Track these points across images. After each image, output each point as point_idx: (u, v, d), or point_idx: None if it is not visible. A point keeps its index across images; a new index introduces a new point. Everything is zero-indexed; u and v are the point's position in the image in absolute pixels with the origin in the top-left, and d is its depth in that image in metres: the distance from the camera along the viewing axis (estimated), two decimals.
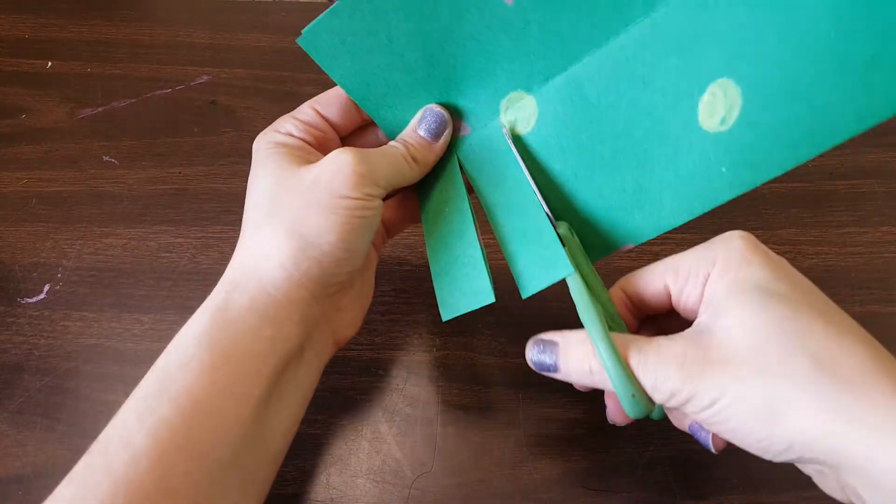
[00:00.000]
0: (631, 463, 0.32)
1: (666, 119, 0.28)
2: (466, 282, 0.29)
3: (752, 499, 0.32)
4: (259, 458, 0.27)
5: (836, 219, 0.41)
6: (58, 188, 0.42)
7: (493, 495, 0.32)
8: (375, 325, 0.37)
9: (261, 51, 0.50)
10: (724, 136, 0.27)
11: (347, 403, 0.34)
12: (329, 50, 0.29)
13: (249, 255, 0.28)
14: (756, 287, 0.24)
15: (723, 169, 0.28)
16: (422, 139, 0.31)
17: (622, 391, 0.24)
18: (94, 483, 0.23)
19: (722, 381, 0.22)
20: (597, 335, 0.25)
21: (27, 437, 0.33)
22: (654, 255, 0.39)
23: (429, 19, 0.29)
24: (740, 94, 0.26)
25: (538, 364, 0.27)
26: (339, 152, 0.28)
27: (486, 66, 0.30)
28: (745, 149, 0.27)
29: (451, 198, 0.31)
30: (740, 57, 0.26)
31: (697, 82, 0.27)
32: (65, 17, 0.52)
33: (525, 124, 0.31)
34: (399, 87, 0.31)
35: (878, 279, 0.38)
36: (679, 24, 0.27)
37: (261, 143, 0.30)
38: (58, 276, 0.39)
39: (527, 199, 0.29)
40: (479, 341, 0.36)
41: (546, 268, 0.28)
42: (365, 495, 0.32)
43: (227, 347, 0.26)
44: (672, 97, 0.28)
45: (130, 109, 0.47)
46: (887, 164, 0.43)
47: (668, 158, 0.28)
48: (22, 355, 0.36)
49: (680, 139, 0.28)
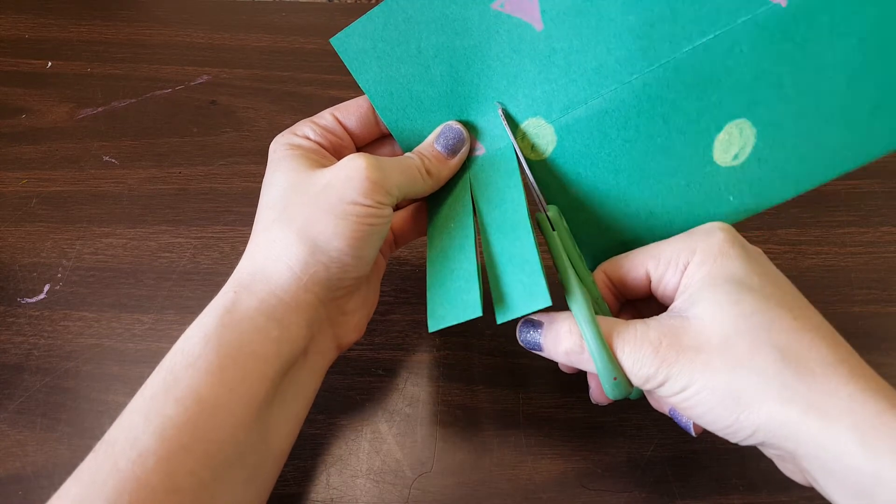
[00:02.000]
0: (631, 463, 0.32)
1: (682, 154, 0.30)
2: (457, 295, 0.29)
3: (752, 499, 0.32)
4: (263, 457, 0.27)
5: (836, 219, 0.41)
6: (58, 188, 0.42)
7: (493, 495, 0.32)
8: (375, 325, 0.37)
9: (261, 51, 0.50)
10: (736, 170, 0.30)
11: (347, 403, 0.34)
12: (359, 54, 0.30)
13: (260, 256, 0.28)
14: (730, 279, 0.25)
15: (730, 198, 0.30)
16: (438, 153, 0.31)
17: (604, 374, 0.26)
18: (101, 481, 0.23)
19: (693, 369, 0.24)
20: (583, 318, 0.26)
21: (27, 437, 0.33)
22: None
23: (459, 35, 0.30)
24: (755, 134, 0.29)
25: (525, 342, 0.29)
26: (353, 157, 0.28)
27: (508, 90, 0.31)
28: (753, 181, 0.30)
29: (458, 214, 0.31)
30: (759, 101, 0.28)
31: (715, 121, 0.29)
32: (65, 17, 0.52)
33: (542, 151, 0.31)
34: (421, 99, 0.31)
35: (878, 279, 0.38)
36: (703, 67, 0.28)
37: (277, 144, 0.30)
38: (58, 276, 0.39)
39: (520, 224, 0.29)
40: (479, 341, 0.36)
41: (525, 297, 0.28)
42: (365, 495, 0.32)
43: (233, 348, 0.26)
44: (690, 134, 0.29)
45: (130, 109, 0.47)
46: (887, 164, 0.43)
47: (681, 189, 0.30)
48: (22, 355, 0.36)
49: (693, 172, 0.30)
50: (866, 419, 0.21)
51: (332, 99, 0.31)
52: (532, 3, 0.29)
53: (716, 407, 0.23)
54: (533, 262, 0.28)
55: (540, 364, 0.36)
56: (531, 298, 0.27)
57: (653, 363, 0.24)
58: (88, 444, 0.25)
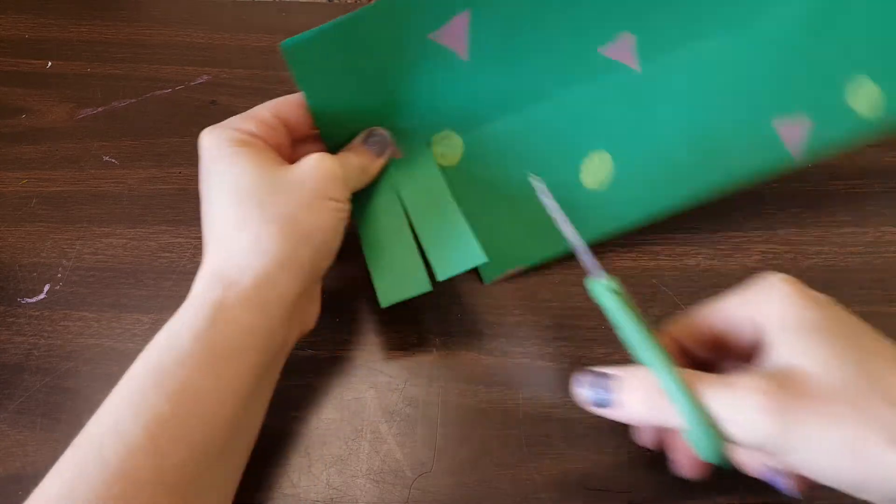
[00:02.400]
0: (631, 463, 0.32)
1: (559, 171, 0.37)
2: (405, 274, 0.34)
3: (752, 499, 0.32)
4: (241, 449, 0.28)
5: (836, 219, 0.41)
6: (58, 188, 0.42)
7: (493, 495, 0.32)
8: (375, 324, 0.37)
9: (261, 51, 0.50)
10: (603, 193, 0.38)
11: (347, 403, 0.34)
12: (308, 65, 0.32)
13: (243, 252, 0.28)
14: (820, 329, 0.24)
15: (599, 218, 0.37)
16: (368, 153, 0.34)
17: (696, 425, 0.23)
18: (88, 473, 0.23)
19: (812, 424, 0.22)
20: (662, 367, 0.24)
21: (27, 437, 0.33)
22: (653, 254, 0.39)
23: (397, 57, 0.33)
24: (612, 163, 0.37)
25: (593, 399, 0.26)
26: (322, 158, 0.30)
27: (430, 103, 0.36)
28: (620, 202, 0.37)
29: (387, 207, 0.35)
30: (617, 138, 0.37)
31: (582, 148, 0.38)
32: (65, 17, 0.52)
33: (451, 159, 0.38)
34: (354, 108, 0.34)
35: (878, 279, 0.38)
36: (578, 105, 0.37)
37: (219, 138, 0.30)
38: (58, 276, 0.39)
39: (445, 202, 0.35)
40: (479, 341, 0.36)
41: (462, 256, 0.33)
42: (365, 495, 0.32)
43: (225, 346, 0.26)
44: (564, 155, 0.38)
45: (130, 109, 0.47)
46: (887, 164, 0.43)
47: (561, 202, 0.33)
48: (22, 355, 0.36)
49: (568, 190, 0.37)
50: None
51: None
52: (462, 39, 0.34)
53: (841, 463, 0.22)
54: (464, 229, 0.34)
55: (540, 364, 0.36)
56: (468, 256, 0.33)
57: (766, 419, 0.22)
58: None
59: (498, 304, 0.38)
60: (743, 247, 0.40)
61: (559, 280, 0.38)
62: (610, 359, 0.36)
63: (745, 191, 0.38)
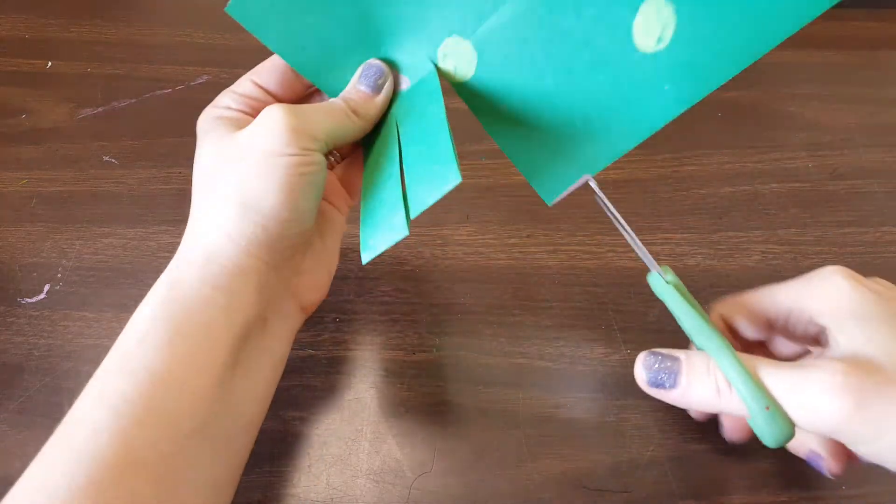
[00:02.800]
0: (631, 463, 0.32)
1: (603, 46, 0.28)
2: (384, 220, 0.29)
3: (752, 499, 0.32)
4: (229, 427, 0.27)
5: (836, 219, 0.41)
6: (58, 188, 0.42)
7: (493, 495, 0.32)
8: (375, 325, 0.37)
9: (261, 51, 0.50)
10: (663, 54, 0.27)
11: (347, 403, 0.34)
12: (259, 14, 0.29)
13: (197, 228, 0.27)
14: (881, 320, 0.24)
15: (665, 87, 0.28)
16: (363, 93, 0.30)
17: (760, 413, 0.23)
18: (59, 460, 0.23)
19: (891, 414, 0.21)
20: (722, 352, 0.24)
21: (27, 437, 0.33)
22: (653, 254, 0.39)
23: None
24: (673, 10, 0.27)
25: (653, 380, 0.26)
26: (269, 109, 0.27)
27: (419, 15, 0.30)
28: (684, 64, 0.27)
29: (386, 149, 0.31)
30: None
31: (629, 5, 0.27)
32: (65, 17, 0.52)
33: (466, 69, 0.30)
34: (335, 46, 0.30)
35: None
36: None
37: (202, 120, 0.29)
38: (58, 276, 0.39)
39: (438, 128, 0.28)
40: (479, 341, 0.36)
41: (438, 180, 0.27)
42: (365, 495, 0.32)
43: (181, 320, 0.25)
44: (606, 23, 0.28)
45: (130, 109, 0.47)
46: (887, 164, 0.43)
47: (611, 85, 0.28)
48: (22, 355, 0.36)
49: (619, 64, 0.28)
50: None
51: None
52: None
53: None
54: (445, 149, 0.27)
55: (540, 364, 0.36)
56: (442, 181, 0.27)
57: (844, 408, 0.21)
58: None
59: (498, 304, 0.38)
60: (743, 247, 0.40)
61: (559, 280, 0.38)
62: (609, 359, 0.36)
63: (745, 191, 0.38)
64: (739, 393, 0.23)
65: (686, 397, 0.25)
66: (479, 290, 0.38)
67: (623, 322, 0.37)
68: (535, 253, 0.31)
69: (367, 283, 0.38)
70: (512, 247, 0.40)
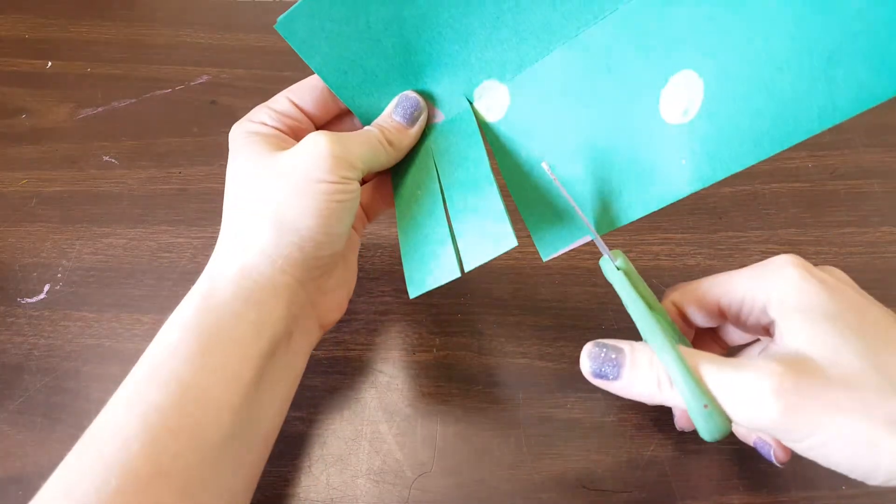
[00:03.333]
0: (631, 463, 0.32)
1: (629, 110, 0.29)
2: (434, 259, 0.30)
3: (752, 499, 0.32)
4: (250, 440, 0.27)
5: (836, 219, 0.41)
6: (58, 188, 0.42)
7: (493, 495, 0.32)
8: (375, 325, 0.37)
9: (261, 51, 0.50)
10: (685, 127, 0.27)
11: (347, 403, 0.34)
12: (307, 36, 0.29)
13: (232, 243, 0.28)
14: (824, 316, 0.24)
15: (682, 161, 0.28)
16: (397, 124, 0.31)
17: (698, 409, 0.24)
18: (87, 468, 0.23)
19: (819, 416, 0.22)
20: (664, 347, 0.24)
21: (27, 437, 0.33)
22: (653, 255, 0.39)
23: (407, 5, 0.29)
24: (702, 86, 0.27)
25: (597, 371, 0.26)
26: (314, 136, 0.28)
27: (460, 55, 0.31)
28: (705, 140, 0.27)
29: (423, 181, 0.31)
30: (703, 50, 0.27)
31: (661, 73, 0.28)
32: (65, 17, 0.52)
33: (498, 112, 0.31)
34: (375, 74, 0.31)
35: (878, 279, 0.38)
36: (646, 17, 0.28)
37: (235, 132, 0.30)
38: (58, 276, 0.39)
39: (483, 178, 0.29)
40: (479, 341, 0.36)
41: (493, 241, 0.28)
42: (365, 495, 0.32)
43: (212, 333, 0.26)
44: (636, 88, 0.28)
45: (130, 109, 0.47)
46: (887, 164, 0.43)
47: (631, 150, 0.29)
48: (22, 355, 0.36)
49: (641, 130, 0.28)
50: None
51: None
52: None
53: (850, 454, 0.22)
54: (497, 209, 0.28)
55: (540, 364, 0.36)
56: (497, 242, 0.28)
57: (773, 406, 0.22)
58: None
59: (498, 304, 0.38)
60: (743, 247, 0.40)
61: (559, 280, 0.38)
62: None
63: (745, 191, 0.38)
64: (679, 389, 0.24)
65: (628, 389, 0.26)
66: (479, 290, 0.38)
67: (623, 322, 0.37)
68: (535, 253, 0.31)
69: (367, 283, 0.38)
70: None
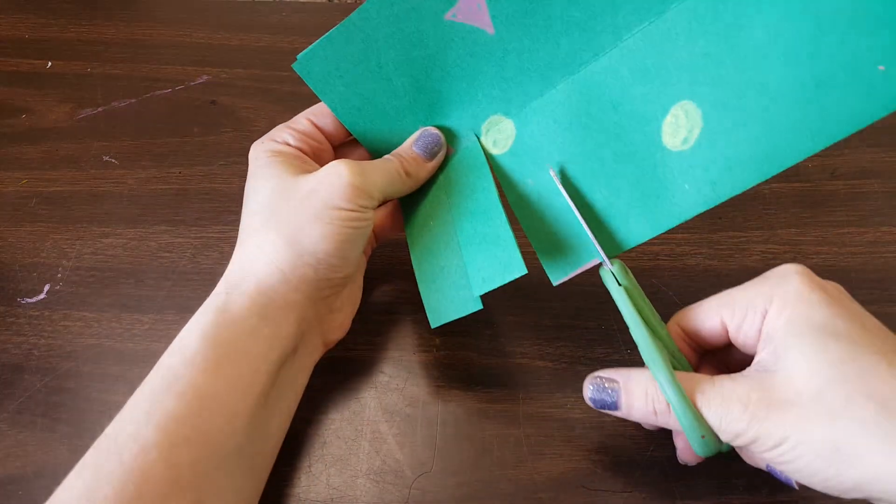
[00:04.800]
0: (631, 463, 0.32)
1: (633, 140, 0.30)
2: (454, 290, 0.31)
3: (751, 499, 0.31)
4: (259, 449, 0.28)
5: (836, 219, 0.41)
6: (58, 188, 0.42)
7: (493, 495, 0.32)
8: (375, 325, 0.37)
9: (261, 51, 0.50)
10: (687, 154, 0.29)
11: (347, 403, 0.34)
12: (322, 76, 0.31)
13: (248, 259, 0.29)
14: (815, 327, 0.24)
15: (686, 186, 0.29)
16: (417, 156, 0.32)
17: (692, 433, 0.25)
18: (107, 472, 0.24)
19: (786, 425, 0.23)
20: (663, 378, 0.25)
21: (27, 437, 0.33)
22: (653, 255, 0.39)
23: (416, 47, 0.31)
24: (701, 115, 0.29)
25: (598, 402, 0.28)
26: (336, 164, 0.29)
27: (468, 92, 0.33)
28: (706, 166, 0.29)
29: (436, 213, 0.33)
30: (701, 81, 0.28)
31: (661, 105, 0.29)
32: (65, 17, 0.52)
33: (503, 145, 0.33)
34: (387, 111, 0.33)
35: (878, 279, 0.38)
36: (644, 52, 0.29)
37: (258, 150, 0.31)
38: (58, 276, 0.39)
39: (492, 208, 0.31)
40: (479, 341, 0.36)
41: (501, 269, 0.30)
42: (365, 495, 0.32)
43: (228, 345, 0.27)
44: (637, 119, 0.30)
45: (130, 109, 0.47)
46: (887, 164, 0.43)
47: (635, 177, 0.30)
48: (22, 355, 0.36)
49: (645, 158, 0.30)
50: None
51: None
52: (482, 11, 0.30)
53: (814, 461, 0.22)
54: (505, 236, 0.30)
55: (540, 364, 0.36)
56: (507, 269, 0.30)
57: (742, 420, 0.24)
58: (88, 444, 0.25)
59: (498, 304, 0.38)
60: (743, 247, 0.40)
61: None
62: (610, 359, 0.36)
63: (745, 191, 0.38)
64: (678, 418, 0.25)
65: (630, 417, 0.27)
66: None
67: (623, 322, 0.37)
68: (534, 253, 0.31)
69: (367, 283, 0.38)
70: None
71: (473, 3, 0.30)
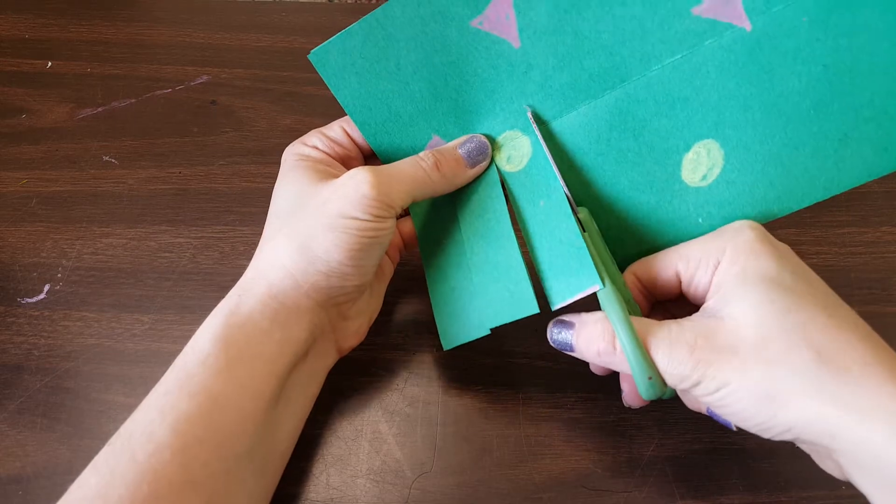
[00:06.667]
0: (631, 463, 0.32)
1: (652, 171, 0.30)
2: (464, 314, 0.31)
3: (752, 499, 0.32)
4: (270, 453, 0.29)
5: (836, 219, 0.41)
6: (58, 188, 0.42)
7: (493, 495, 0.32)
8: (375, 325, 0.37)
9: (261, 51, 0.50)
10: (704, 191, 0.30)
11: (347, 403, 0.34)
12: (338, 70, 0.30)
13: (263, 263, 0.29)
14: (763, 278, 0.25)
15: (699, 220, 0.30)
16: (459, 157, 0.31)
17: (639, 374, 0.25)
18: (120, 473, 0.24)
19: (728, 370, 0.24)
20: (617, 319, 0.26)
21: (27, 437, 0.33)
22: None
23: (439, 52, 0.30)
24: (723, 155, 0.29)
25: (557, 342, 0.29)
26: (354, 172, 0.28)
27: (486, 104, 0.32)
28: (721, 204, 0.30)
29: (448, 229, 0.32)
30: (727, 122, 0.29)
31: (684, 140, 0.30)
32: (65, 17, 0.52)
33: (518, 162, 0.32)
34: (400, 115, 0.32)
35: (878, 279, 0.38)
36: (672, 85, 0.29)
37: (288, 153, 0.31)
38: (58, 276, 0.39)
39: (504, 233, 0.30)
40: (479, 341, 0.36)
41: (513, 304, 0.29)
42: (365, 495, 0.32)
43: (240, 348, 0.27)
44: (659, 151, 0.30)
45: (130, 109, 0.47)
46: None
47: (650, 207, 0.30)
48: (22, 355, 0.36)
49: (663, 190, 0.30)
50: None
51: (332, 99, 0.31)
52: (510, 22, 0.29)
53: (751, 406, 0.23)
54: (518, 270, 0.29)
55: (540, 364, 0.36)
56: (518, 306, 0.29)
57: (688, 363, 0.24)
58: (88, 444, 0.25)
59: None
60: None
61: None
62: None
63: None
64: (628, 360, 0.26)
65: (583, 356, 0.28)
66: None
67: None
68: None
69: None
70: None
71: (502, 13, 0.29)
